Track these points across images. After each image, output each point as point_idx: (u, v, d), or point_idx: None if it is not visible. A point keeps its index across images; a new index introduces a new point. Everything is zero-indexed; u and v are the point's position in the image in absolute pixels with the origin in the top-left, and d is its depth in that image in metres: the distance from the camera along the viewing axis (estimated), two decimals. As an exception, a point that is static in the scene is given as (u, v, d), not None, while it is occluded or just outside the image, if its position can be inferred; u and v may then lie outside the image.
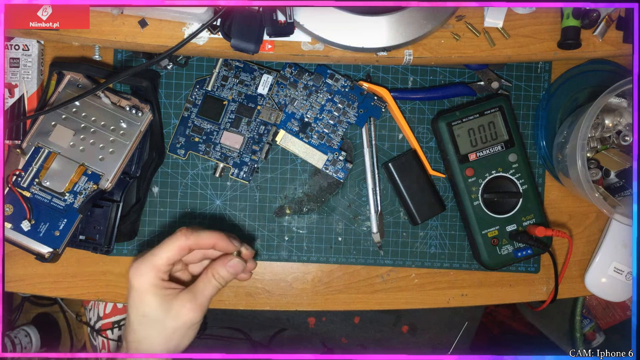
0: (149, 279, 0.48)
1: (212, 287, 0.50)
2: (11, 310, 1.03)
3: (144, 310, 0.48)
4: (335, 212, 0.64)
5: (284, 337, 0.84)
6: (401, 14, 0.52)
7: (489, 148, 0.61)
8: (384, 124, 0.64)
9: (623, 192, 0.59)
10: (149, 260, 0.48)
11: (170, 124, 0.63)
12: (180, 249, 0.48)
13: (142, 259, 0.48)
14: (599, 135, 0.60)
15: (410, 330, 0.82)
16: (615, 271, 0.64)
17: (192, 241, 0.49)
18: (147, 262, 0.48)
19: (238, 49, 0.51)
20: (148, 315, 0.48)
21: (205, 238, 0.50)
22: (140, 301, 0.48)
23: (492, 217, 0.61)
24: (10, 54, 0.60)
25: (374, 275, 0.65)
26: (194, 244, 0.49)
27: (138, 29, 0.52)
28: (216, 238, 0.50)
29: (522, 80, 0.64)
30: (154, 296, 0.47)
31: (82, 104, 0.58)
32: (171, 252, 0.48)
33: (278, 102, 0.62)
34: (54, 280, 0.64)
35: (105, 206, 0.59)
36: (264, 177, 0.64)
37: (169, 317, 0.47)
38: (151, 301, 0.47)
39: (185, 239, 0.49)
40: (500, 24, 0.54)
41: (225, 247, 0.51)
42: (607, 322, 0.91)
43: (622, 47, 0.55)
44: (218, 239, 0.50)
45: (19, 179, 0.56)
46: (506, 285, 0.66)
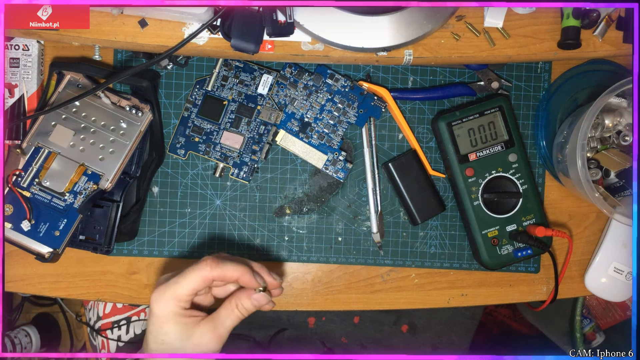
0: (170, 308, 0.47)
1: (235, 318, 0.49)
2: (11, 310, 1.03)
3: (162, 338, 0.48)
4: (335, 212, 0.64)
5: (283, 337, 0.84)
6: (401, 14, 0.52)
7: (489, 148, 0.61)
8: (384, 124, 0.64)
9: (623, 192, 0.59)
10: (171, 289, 0.48)
11: (170, 124, 0.63)
12: (204, 280, 0.48)
13: (164, 287, 0.48)
14: (599, 135, 0.60)
15: (410, 329, 0.82)
16: (615, 271, 0.64)
17: (216, 273, 0.48)
18: (170, 291, 0.48)
19: (238, 49, 0.51)
20: (167, 343, 0.48)
21: (230, 271, 0.49)
22: (159, 328, 0.48)
23: (492, 217, 0.61)
24: (10, 54, 0.60)
25: (374, 275, 0.65)
26: (218, 276, 0.48)
27: (138, 29, 0.52)
28: (241, 272, 0.49)
29: (522, 80, 0.64)
30: (174, 325, 0.47)
31: (82, 104, 0.58)
32: (195, 283, 0.48)
33: (278, 102, 0.62)
34: (54, 280, 0.64)
35: (105, 206, 0.59)
36: (264, 177, 0.64)
37: (188, 345, 0.47)
38: (171, 329, 0.47)
39: (210, 270, 0.48)
40: (500, 24, 0.54)
41: (249, 282, 0.49)
42: (607, 322, 0.91)
43: (622, 47, 0.55)
44: (242, 273, 0.49)
45: (19, 179, 0.56)
46: (506, 285, 0.66)
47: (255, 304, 0.50)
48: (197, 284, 0.48)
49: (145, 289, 0.64)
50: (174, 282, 0.48)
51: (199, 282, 0.48)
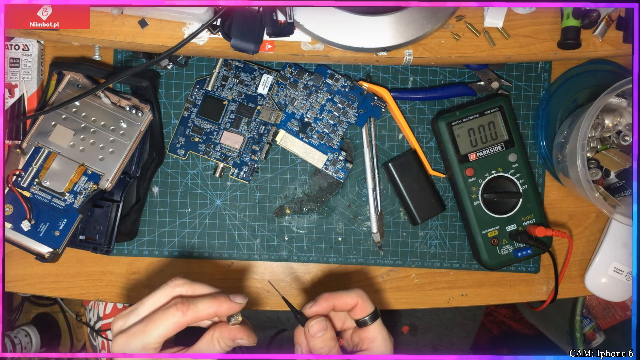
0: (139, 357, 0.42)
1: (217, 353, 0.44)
2: (11, 310, 1.03)
3: None
4: (335, 212, 0.64)
5: (283, 337, 0.84)
6: (401, 14, 0.52)
7: (489, 148, 0.61)
8: (384, 124, 0.64)
9: (623, 192, 0.59)
10: (139, 339, 0.41)
11: (170, 124, 0.63)
12: (175, 327, 0.42)
13: (129, 336, 0.42)
14: (599, 135, 0.60)
15: (411, 331, 0.82)
16: (615, 271, 0.64)
17: (189, 318, 0.42)
18: (137, 341, 0.41)
19: (238, 49, 0.51)
20: None
21: (205, 309, 0.43)
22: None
23: (492, 217, 0.61)
24: (10, 54, 0.60)
25: (374, 275, 0.65)
26: (192, 320, 0.42)
27: (138, 29, 0.52)
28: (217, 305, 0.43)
29: (522, 80, 0.64)
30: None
31: (82, 104, 0.58)
32: (165, 331, 0.42)
33: (278, 102, 0.62)
34: (54, 280, 0.64)
35: (105, 206, 0.59)
36: (264, 177, 0.64)
37: None
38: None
39: (181, 315, 0.42)
40: (500, 24, 0.54)
41: (227, 311, 0.44)
42: (607, 322, 0.91)
43: (622, 47, 0.55)
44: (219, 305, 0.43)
45: (19, 179, 0.56)
46: (506, 285, 0.66)
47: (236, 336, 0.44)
48: (167, 331, 0.42)
49: (145, 289, 0.64)
50: (140, 331, 0.41)
51: (170, 330, 0.42)
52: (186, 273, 0.64)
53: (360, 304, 0.47)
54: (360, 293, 0.47)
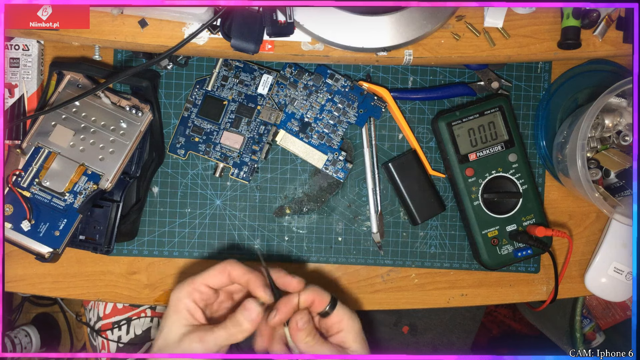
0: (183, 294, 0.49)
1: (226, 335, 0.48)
2: (11, 310, 1.03)
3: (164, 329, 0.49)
4: (335, 212, 0.64)
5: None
6: (401, 14, 0.52)
7: (489, 148, 0.61)
8: (384, 124, 0.64)
9: (623, 192, 0.59)
10: (191, 278, 0.50)
11: (170, 124, 0.63)
12: (222, 273, 0.49)
13: (187, 279, 0.50)
14: (599, 135, 0.60)
15: (411, 330, 0.82)
16: (615, 271, 0.64)
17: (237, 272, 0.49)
18: (189, 280, 0.50)
19: (238, 49, 0.51)
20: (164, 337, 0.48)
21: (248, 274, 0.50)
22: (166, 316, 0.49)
23: (492, 217, 0.61)
24: (10, 54, 0.60)
25: (374, 275, 0.65)
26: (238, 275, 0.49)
27: (138, 29, 0.52)
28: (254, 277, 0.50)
29: (522, 80, 0.64)
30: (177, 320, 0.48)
31: (82, 104, 0.58)
32: (214, 277, 0.49)
33: (278, 102, 0.62)
34: (54, 280, 0.64)
35: (105, 206, 0.59)
36: (264, 177, 0.64)
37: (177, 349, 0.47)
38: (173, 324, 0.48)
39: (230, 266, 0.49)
40: (500, 24, 0.54)
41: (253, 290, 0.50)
42: (607, 322, 0.91)
43: (622, 47, 0.55)
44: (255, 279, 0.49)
45: (19, 179, 0.56)
46: (506, 285, 0.66)
47: (246, 314, 0.48)
48: (215, 277, 0.49)
49: (145, 289, 0.64)
50: (196, 275, 0.50)
51: (217, 275, 0.49)
52: (186, 273, 0.64)
53: (317, 300, 0.51)
54: (313, 289, 0.51)
